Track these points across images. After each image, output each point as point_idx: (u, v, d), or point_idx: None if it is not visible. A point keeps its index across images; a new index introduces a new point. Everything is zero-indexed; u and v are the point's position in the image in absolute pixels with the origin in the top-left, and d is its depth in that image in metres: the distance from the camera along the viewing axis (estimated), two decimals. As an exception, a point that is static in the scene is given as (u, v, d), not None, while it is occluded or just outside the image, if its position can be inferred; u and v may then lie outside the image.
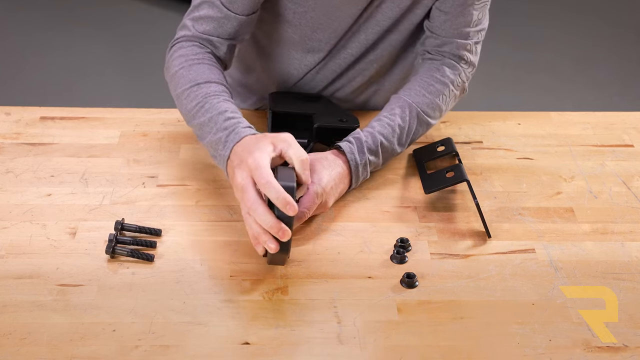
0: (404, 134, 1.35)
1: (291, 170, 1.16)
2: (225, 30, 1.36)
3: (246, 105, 1.62)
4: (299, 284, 1.16)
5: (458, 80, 1.40)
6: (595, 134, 1.52)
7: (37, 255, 1.19)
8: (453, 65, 1.40)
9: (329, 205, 1.27)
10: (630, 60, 3.67)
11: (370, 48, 1.45)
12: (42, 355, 1.04)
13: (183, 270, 1.18)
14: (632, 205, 1.34)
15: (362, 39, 1.43)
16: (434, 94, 1.37)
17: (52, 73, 3.38)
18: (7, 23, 3.78)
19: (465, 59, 1.41)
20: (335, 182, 1.27)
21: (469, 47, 1.40)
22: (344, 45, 1.44)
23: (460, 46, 1.39)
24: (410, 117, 1.35)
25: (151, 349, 1.05)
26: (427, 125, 1.39)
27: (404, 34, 1.43)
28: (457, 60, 1.41)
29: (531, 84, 3.46)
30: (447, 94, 1.39)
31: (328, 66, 1.48)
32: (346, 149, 1.29)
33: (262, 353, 1.05)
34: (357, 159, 1.29)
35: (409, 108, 1.35)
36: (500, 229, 1.28)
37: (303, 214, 1.21)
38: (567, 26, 3.94)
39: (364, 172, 1.31)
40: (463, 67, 1.41)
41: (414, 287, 1.16)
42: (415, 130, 1.37)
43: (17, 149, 1.43)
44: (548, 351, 1.06)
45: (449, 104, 1.41)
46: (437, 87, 1.38)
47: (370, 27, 1.41)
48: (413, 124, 1.36)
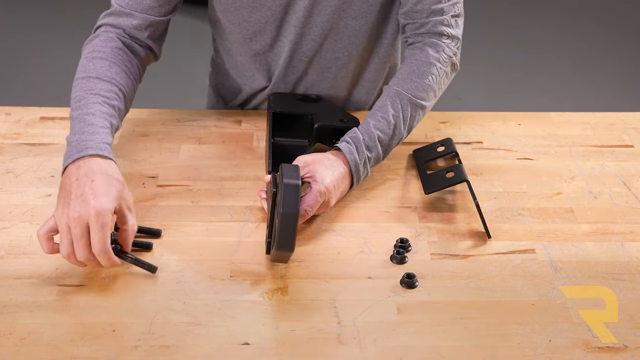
0: (400, 123, 1.35)
1: (296, 167, 1.16)
2: (144, 3, 1.36)
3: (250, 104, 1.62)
4: (299, 284, 1.16)
5: (443, 56, 1.39)
6: (595, 135, 1.52)
7: (37, 255, 1.19)
8: (434, 43, 1.40)
9: (331, 205, 1.27)
10: (630, 61, 3.67)
11: (333, 34, 1.45)
12: (42, 355, 1.04)
13: (183, 270, 1.18)
14: (632, 205, 1.34)
15: (319, 22, 1.43)
16: (422, 76, 1.37)
17: (53, 73, 3.38)
18: (8, 24, 3.78)
19: (447, 34, 1.40)
20: (337, 182, 1.27)
21: (447, 22, 1.39)
22: (303, 33, 1.44)
23: (437, 23, 1.39)
24: (402, 104, 1.35)
25: (151, 349, 1.05)
26: (422, 108, 1.38)
27: (363, 18, 1.43)
28: (438, 37, 1.40)
29: (531, 84, 3.46)
30: (437, 73, 1.38)
31: (296, 55, 1.48)
32: (345, 149, 1.30)
33: (262, 353, 1.05)
34: (357, 158, 1.30)
35: (399, 97, 1.35)
36: (500, 229, 1.28)
37: (306, 212, 1.22)
38: (567, 27, 3.94)
39: (364, 170, 1.32)
40: (445, 42, 1.40)
41: (414, 288, 1.16)
42: (411, 116, 1.36)
43: (17, 149, 1.43)
44: (548, 351, 1.06)
45: (441, 83, 1.40)
46: (424, 69, 1.37)
47: (323, 9, 1.41)
48: (407, 111, 1.35)
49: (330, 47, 1.47)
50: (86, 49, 1.36)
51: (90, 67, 1.30)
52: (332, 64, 1.49)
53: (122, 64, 1.33)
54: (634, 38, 3.86)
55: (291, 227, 1.11)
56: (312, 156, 1.29)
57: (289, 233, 1.11)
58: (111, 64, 1.31)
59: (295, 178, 1.13)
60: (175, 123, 1.51)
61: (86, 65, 1.31)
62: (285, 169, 1.15)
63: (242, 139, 1.48)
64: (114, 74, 1.30)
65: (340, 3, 1.40)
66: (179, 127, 1.50)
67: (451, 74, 1.43)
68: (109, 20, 1.38)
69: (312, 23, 1.43)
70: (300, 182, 1.13)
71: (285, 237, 1.12)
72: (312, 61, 1.49)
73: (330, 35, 1.45)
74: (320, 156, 1.29)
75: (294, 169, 1.15)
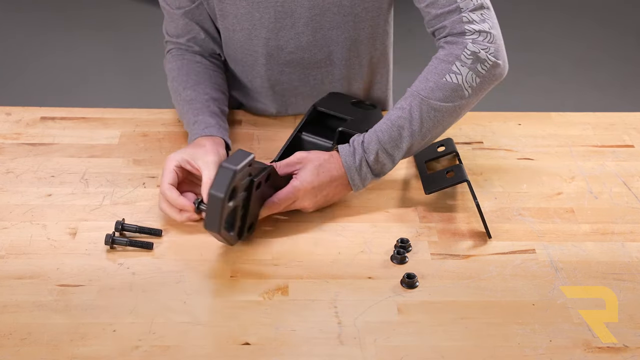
0: (407, 124, 1.29)
1: (247, 155, 1.13)
2: (178, 28, 1.48)
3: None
4: (299, 284, 1.16)
5: (466, 52, 1.30)
6: (596, 135, 1.52)
7: (38, 255, 1.19)
8: (454, 41, 1.32)
9: (305, 205, 1.27)
10: (630, 61, 3.67)
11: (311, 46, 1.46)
12: (42, 355, 1.04)
13: (183, 270, 1.18)
14: (633, 205, 1.34)
15: (293, 35, 1.44)
16: (439, 74, 1.30)
17: (53, 73, 3.38)
18: (8, 23, 3.78)
19: (470, 30, 1.32)
20: (320, 184, 1.26)
21: (466, 19, 1.32)
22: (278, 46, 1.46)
23: (456, 22, 1.32)
24: (412, 105, 1.29)
25: (151, 349, 1.05)
26: (438, 108, 1.29)
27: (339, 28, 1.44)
28: (459, 36, 1.32)
29: (531, 84, 3.46)
30: (457, 71, 1.30)
31: (275, 67, 1.49)
32: (342, 152, 1.29)
33: (262, 353, 1.05)
34: (352, 161, 1.28)
35: (410, 97, 1.30)
36: (500, 229, 1.28)
37: (273, 204, 1.24)
38: (567, 27, 3.94)
39: (362, 172, 1.29)
40: (469, 38, 1.31)
41: (414, 288, 1.16)
42: (425, 116, 1.29)
43: (18, 149, 1.43)
44: (548, 352, 1.06)
45: (468, 78, 1.30)
46: (441, 67, 1.31)
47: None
48: (416, 111, 1.29)
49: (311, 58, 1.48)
50: (169, 74, 1.50)
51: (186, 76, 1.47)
52: (317, 72, 1.50)
53: (205, 69, 1.49)
54: (634, 38, 3.86)
55: (215, 208, 1.11)
56: (309, 153, 1.29)
57: (213, 214, 1.12)
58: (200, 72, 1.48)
59: (235, 164, 1.11)
60: (175, 123, 1.51)
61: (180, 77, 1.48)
62: (236, 153, 1.14)
63: (242, 139, 1.48)
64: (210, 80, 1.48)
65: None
66: (179, 127, 1.49)
67: (486, 69, 1.31)
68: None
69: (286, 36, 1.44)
70: (238, 169, 1.10)
71: (210, 217, 1.12)
72: (294, 71, 1.49)
73: (309, 48, 1.46)
74: (317, 155, 1.28)
75: (243, 156, 1.13)
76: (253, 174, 1.18)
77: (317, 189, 1.27)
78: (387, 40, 1.53)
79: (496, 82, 1.33)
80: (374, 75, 1.55)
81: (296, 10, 1.41)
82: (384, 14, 1.47)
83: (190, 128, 1.38)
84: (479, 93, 1.32)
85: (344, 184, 1.29)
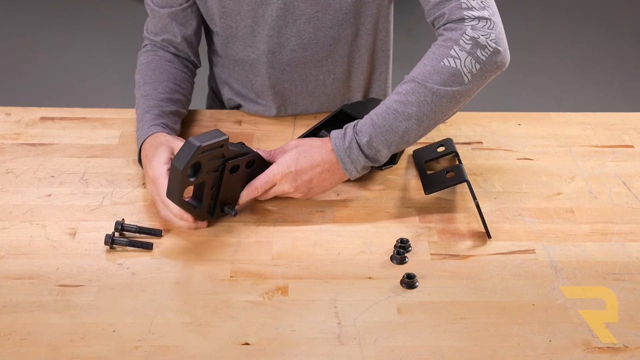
0: (401, 107, 1.27)
1: (218, 133, 1.16)
2: (158, 26, 1.50)
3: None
4: (299, 284, 1.16)
5: (464, 38, 1.28)
6: (596, 135, 1.52)
7: (37, 255, 1.19)
8: (453, 27, 1.30)
9: (285, 189, 1.27)
10: (630, 61, 3.67)
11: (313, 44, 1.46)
12: (42, 355, 1.04)
13: (183, 270, 1.18)
14: (633, 205, 1.34)
15: (295, 32, 1.45)
16: (437, 58, 1.28)
17: (53, 73, 3.39)
18: (8, 23, 3.78)
19: (468, 17, 1.29)
20: (299, 169, 1.26)
21: (465, 5, 1.30)
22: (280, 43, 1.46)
23: (455, 9, 1.31)
24: (408, 87, 1.27)
25: (151, 349, 1.05)
26: (436, 92, 1.26)
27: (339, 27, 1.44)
28: (458, 22, 1.30)
29: (531, 84, 3.46)
30: (456, 54, 1.27)
31: (277, 66, 1.49)
32: (333, 134, 1.29)
33: (262, 353, 1.05)
34: (341, 143, 1.27)
35: (408, 81, 1.28)
36: (500, 229, 1.28)
37: (251, 187, 1.26)
38: (567, 27, 3.94)
39: (352, 154, 1.27)
40: (468, 24, 1.29)
41: (414, 288, 1.16)
42: (422, 100, 1.27)
43: (18, 150, 1.43)
44: (548, 352, 1.06)
45: (467, 63, 1.27)
46: (439, 52, 1.29)
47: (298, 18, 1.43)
48: (412, 94, 1.27)
49: (312, 57, 1.48)
50: (139, 67, 1.52)
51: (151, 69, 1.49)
52: (318, 72, 1.50)
53: (172, 69, 1.50)
54: (634, 38, 3.86)
55: (175, 179, 1.15)
56: (299, 141, 1.30)
57: (173, 184, 1.16)
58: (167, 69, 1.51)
59: (201, 141, 1.14)
60: (175, 123, 1.51)
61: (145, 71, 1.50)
62: (210, 131, 1.17)
63: (242, 139, 1.47)
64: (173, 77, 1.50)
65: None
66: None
67: (486, 56, 1.27)
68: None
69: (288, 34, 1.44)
70: (202, 145, 1.13)
71: (170, 187, 1.17)
72: (295, 71, 1.50)
73: (310, 46, 1.46)
74: (309, 141, 1.29)
75: (214, 135, 1.16)
76: (227, 156, 1.19)
77: (295, 173, 1.26)
78: (387, 37, 1.53)
79: (498, 70, 1.30)
80: (373, 71, 1.55)
81: (298, 7, 1.41)
82: (384, 10, 1.47)
83: (138, 124, 1.38)
84: (480, 81, 1.28)
85: (331, 169, 1.28)
